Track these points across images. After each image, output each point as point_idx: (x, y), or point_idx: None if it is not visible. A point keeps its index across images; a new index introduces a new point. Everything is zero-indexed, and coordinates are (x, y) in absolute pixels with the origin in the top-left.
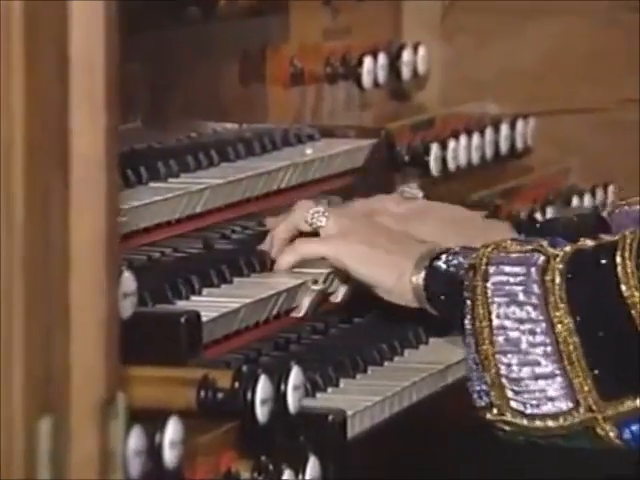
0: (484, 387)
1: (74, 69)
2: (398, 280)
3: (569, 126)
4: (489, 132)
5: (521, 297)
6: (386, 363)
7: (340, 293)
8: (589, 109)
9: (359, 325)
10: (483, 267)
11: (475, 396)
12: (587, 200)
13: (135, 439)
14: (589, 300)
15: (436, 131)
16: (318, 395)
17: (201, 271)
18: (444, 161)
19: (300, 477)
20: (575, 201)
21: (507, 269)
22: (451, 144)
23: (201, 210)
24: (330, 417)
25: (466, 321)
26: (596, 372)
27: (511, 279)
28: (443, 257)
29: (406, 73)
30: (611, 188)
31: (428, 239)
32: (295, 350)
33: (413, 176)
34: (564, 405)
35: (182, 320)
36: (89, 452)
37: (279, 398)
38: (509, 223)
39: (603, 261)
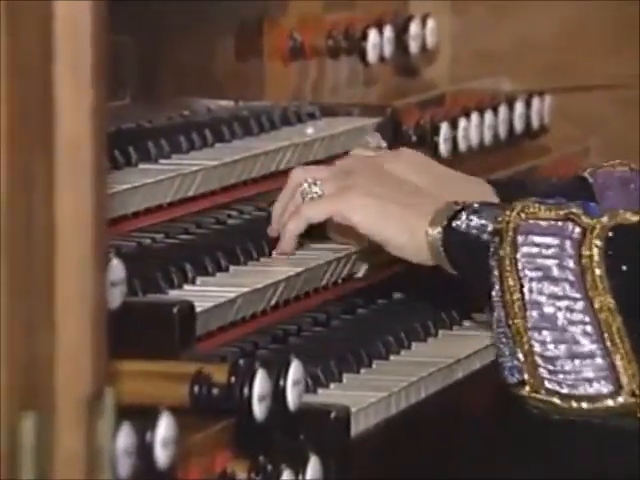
0: (516, 363)
1: (59, 42)
2: (411, 236)
3: (588, 103)
4: (503, 110)
5: (555, 272)
6: (392, 357)
7: (362, 269)
8: (610, 85)
9: (363, 316)
10: (510, 235)
11: (506, 372)
12: None
13: (124, 437)
14: (633, 280)
15: (446, 109)
16: (319, 391)
17: (195, 258)
18: (454, 141)
19: (300, 478)
20: None
21: (538, 239)
22: (462, 123)
23: (194, 193)
24: (332, 414)
25: (494, 292)
26: None
27: (543, 251)
28: (462, 216)
29: (414, 47)
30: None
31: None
32: (295, 343)
33: None
34: (604, 388)
35: (175, 311)
36: (75, 450)
37: (278, 394)
38: (485, 181)
39: None
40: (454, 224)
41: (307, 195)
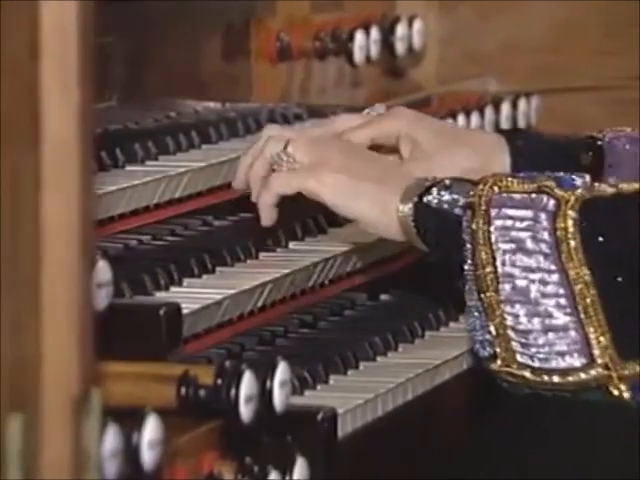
0: (487, 337)
1: (45, 43)
2: (382, 212)
3: (575, 105)
4: (489, 111)
5: (529, 244)
6: (379, 358)
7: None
8: (597, 87)
9: (350, 317)
10: (483, 208)
11: (477, 346)
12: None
13: (111, 439)
14: (609, 252)
15: (433, 110)
16: (306, 392)
17: (181, 260)
18: None
19: (287, 479)
20: None
21: (511, 212)
22: None
23: (181, 195)
24: (319, 415)
25: (466, 266)
26: (615, 328)
27: (517, 223)
28: (434, 191)
29: (400, 48)
30: None
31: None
32: (281, 344)
33: None
34: (576, 361)
35: (161, 312)
36: (61, 452)
37: (264, 395)
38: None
39: (625, 210)
40: (425, 199)
41: (277, 164)
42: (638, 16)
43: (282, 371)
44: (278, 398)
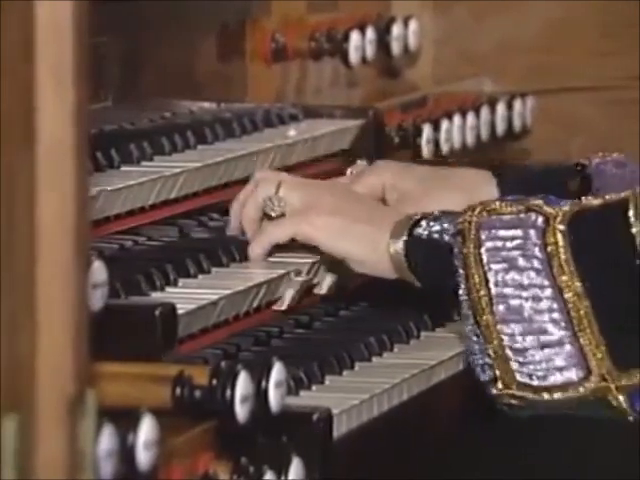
0: (487, 360)
1: (40, 44)
2: (373, 250)
3: (571, 105)
4: (485, 112)
5: (521, 262)
6: (374, 359)
7: (325, 284)
8: (593, 87)
9: (345, 318)
10: (473, 232)
11: (478, 370)
12: None
13: (106, 439)
14: (599, 262)
15: (428, 111)
16: (302, 393)
17: (177, 261)
18: (437, 143)
19: (282, 479)
20: None
21: (501, 233)
22: (444, 125)
23: (176, 195)
24: (315, 416)
25: (460, 291)
26: (610, 339)
27: (507, 243)
28: (423, 224)
29: (396, 49)
30: None
31: (405, 190)
32: (277, 345)
33: (403, 159)
34: (574, 375)
35: (156, 313)
36: (57, 452)
37: (260, 396)
38: (487, 172)
39: (613, 219)
40: (415, 233)
41: (269, 210)
42: (635, 16)
43: (277, 371)
44: (273, 398)
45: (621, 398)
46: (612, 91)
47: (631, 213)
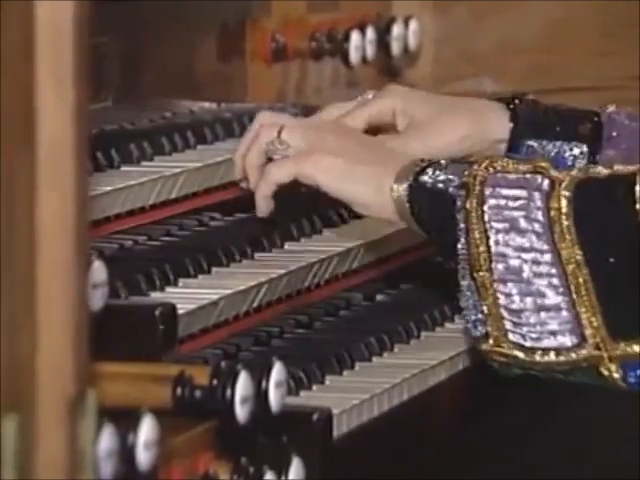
0: (480, 316)
1: (40, 44)
2: (377, 192)
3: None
4: None
5: (522, 224)
6: (374, 359)
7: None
8: (593, 87)
9: (345, 318)
10: (477, 188)
11: (470, 325)
12: None
13: (106, 439)
14: (601, 233)
15: None
16: (302, 393)
17: (177, 261)
18: None
19: (283, 479)
20: None
21: (505, 192)
22: None
23: (176, 196)
24: (315, 416)
25: (459, 245)
26: (607, 309)
27: (510, 203)
28: (429, 171)
29: (396, 49)
30: None
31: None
32: (277, 345)
33: None
34: (568, 340)
35: (157, 313)
36: (57, 452)
37: (260, 396)
38: (501, 104)
39: (619, 192)
40: (420, 179)
41: (273, 152)
42: (634, 16)
43: (278, 371)
44: (274, 398)
45: (613, 368)
46: (612, 91)
47: (637, 188)
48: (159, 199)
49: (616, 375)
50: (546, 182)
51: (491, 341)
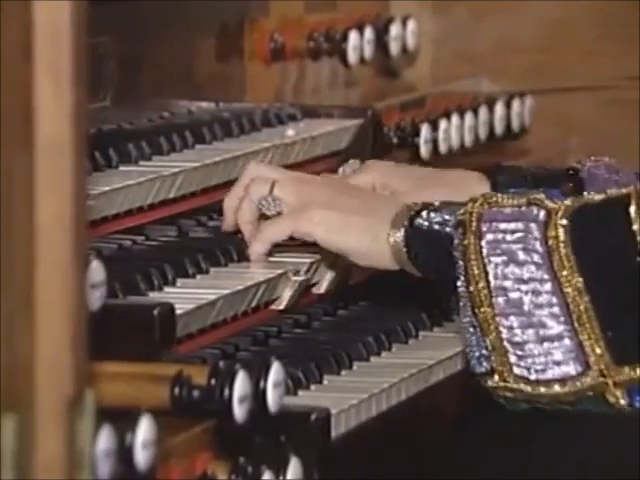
0: (484, 352)
1: (38, 44)
2: (373, 242)
3: (569, 105)
4: (483, 111)
5: (521, 255)
6: (373, 358)
7: (324, 283)
8: (591, 87)
9: (344, 318)
10: (474, 224)
11: (474, 362)
12: None
13: (104, 439)
14: (600, 258)
15: (426, 111)
16: (300, 392)
17: (175, 260)
18: (435, 143)
19: (281, 479)
20: None
21: (502, 226)
22: (442, 124)
23: (175, 195)
24: (313, 416)
25: (459, 283)
26: (609, 335)
27: (508, 236)
28: (424, 214)
29: (394, 49)
30: None
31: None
32: (275, 344)
33: (401, 159)
34: (572, 369)
35: (155, 313)
36: (55, 452)
37: (258, 396)
38: (480, 173)
39: (615, 214)
40: (416, 223)
41: (265, 210)
42: (632, 16)
43: (276, 371)
44: (272, 398)
45: (619, 394)
46: (610, 91)
47: (632, 210)
48: (157, 199)
49: (622, 402)
50: (542, 213)
51: (496, 377)
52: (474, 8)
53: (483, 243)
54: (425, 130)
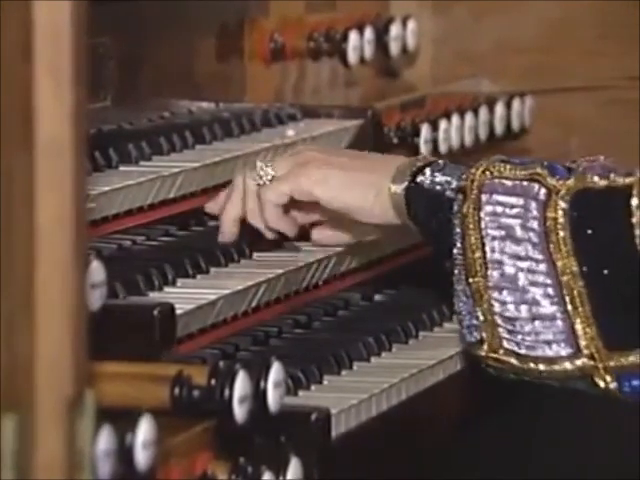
0: (475, 322)
1: (38, 44)
2: (376, 197)
3: (569, 105)
4: (483, 111)
5: (518, 232)
6: (373, 358)
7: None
8: (591, 87)
9: (344, 318)
10: (474, 193)
11: (465, 331)
12: None
13: (105, 439)
14: (597, 245)
15: (426, 111)
16: (300, 392)
17: (175, 261)
18: (435, 143)
19: (281, 479)
20: None
21: (502, 199)
22: (442, 125)
23: (175, 195)
24: (313, 416)
25: (455, 250)
26: (602, 320)
27: (507, 210)
28: (427, 171)
29: (394, 49)
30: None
31: None
32: (275, 344)
33: None
34: (562, 350)
35: (155, 313)
36: (55, 452)
37: (258, 396)
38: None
39: (616, 204)
40: (418, 179)
41: (261, 178)
42: (632, 17)
43: (276, 371)
44: (272, 398)
45: (608, 378)
46: (610, 91)
47: (634, 202)
48: (157, 199)
49: (611, 386)
50: (543, 191)
51: (485, 347)
52: (474, 8)
53: (482, 214)
54: (425, 130)
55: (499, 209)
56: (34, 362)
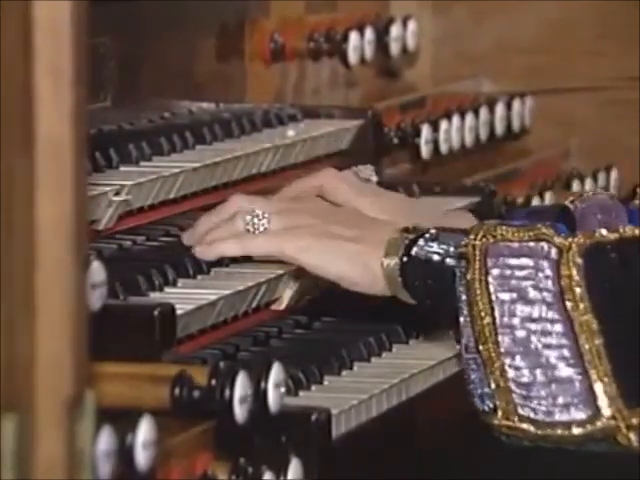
0: (487, 390)
1: (38, 44)
2: (365, 270)
3: (569, 105)
4: (484, 112)
5: (531, 293)
6: (373, 359)
7: (285, 300)
8: (592, 87)
9: (344, 318)
10: (478, 258)
11: (477, 400)
12: (588, 185)
13: (105, 439)
14: (614, 300)
15: (427, 111)
16: (301, 393)
17: (176, 261)
18: (436, 143)
19: (281, 479)
20: (575, 186)
21: (510, 261)
22: (443, 125)
23: (175, 196)
24: (313, 416)
25: (462, 319)
26: (622, 378)
27: (516, 272)
28: (420, 242)
29: (395, 49)
30: (614, 172)
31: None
32: (276, 345)
33: (402, 159)
34: (582, 413)
35: (155, 313)
36: (55, 453)
37: (259, 396)
38: (471, 214)
39: (630, 256)
40: (413, 252)
41: (252, 226)
42: (632, 17)
43: (276, 372)
44: (272, 399)
45: (632, 437)
46: (610, 91)
47: None
48: (158, 199)
49: (635, 444)
50: (553, 250)
51: (499, 414)
52: (474, 8)
53: (490, 279)
54: (426, 131)
55: (507, 272)
56: (34, 362)
